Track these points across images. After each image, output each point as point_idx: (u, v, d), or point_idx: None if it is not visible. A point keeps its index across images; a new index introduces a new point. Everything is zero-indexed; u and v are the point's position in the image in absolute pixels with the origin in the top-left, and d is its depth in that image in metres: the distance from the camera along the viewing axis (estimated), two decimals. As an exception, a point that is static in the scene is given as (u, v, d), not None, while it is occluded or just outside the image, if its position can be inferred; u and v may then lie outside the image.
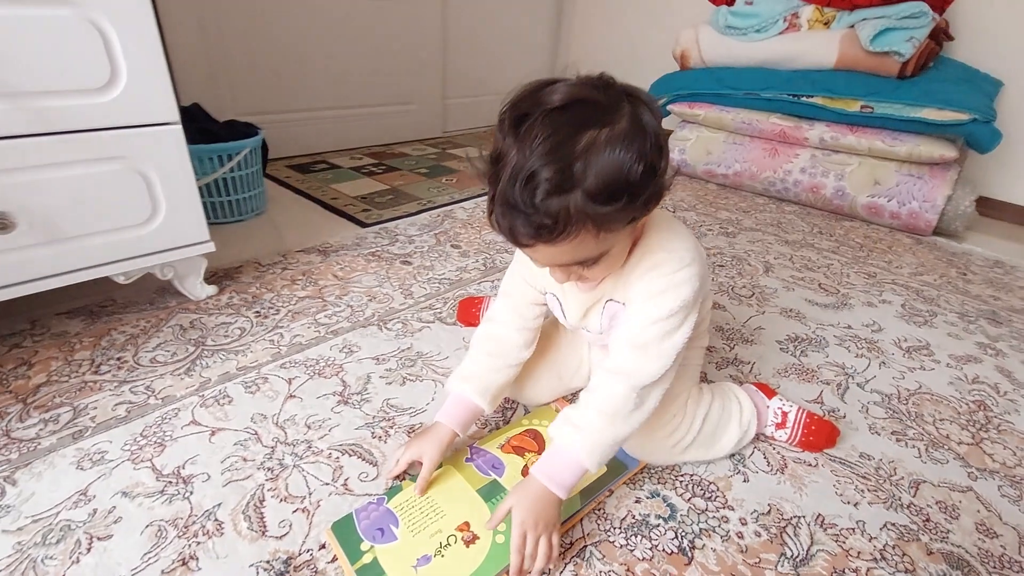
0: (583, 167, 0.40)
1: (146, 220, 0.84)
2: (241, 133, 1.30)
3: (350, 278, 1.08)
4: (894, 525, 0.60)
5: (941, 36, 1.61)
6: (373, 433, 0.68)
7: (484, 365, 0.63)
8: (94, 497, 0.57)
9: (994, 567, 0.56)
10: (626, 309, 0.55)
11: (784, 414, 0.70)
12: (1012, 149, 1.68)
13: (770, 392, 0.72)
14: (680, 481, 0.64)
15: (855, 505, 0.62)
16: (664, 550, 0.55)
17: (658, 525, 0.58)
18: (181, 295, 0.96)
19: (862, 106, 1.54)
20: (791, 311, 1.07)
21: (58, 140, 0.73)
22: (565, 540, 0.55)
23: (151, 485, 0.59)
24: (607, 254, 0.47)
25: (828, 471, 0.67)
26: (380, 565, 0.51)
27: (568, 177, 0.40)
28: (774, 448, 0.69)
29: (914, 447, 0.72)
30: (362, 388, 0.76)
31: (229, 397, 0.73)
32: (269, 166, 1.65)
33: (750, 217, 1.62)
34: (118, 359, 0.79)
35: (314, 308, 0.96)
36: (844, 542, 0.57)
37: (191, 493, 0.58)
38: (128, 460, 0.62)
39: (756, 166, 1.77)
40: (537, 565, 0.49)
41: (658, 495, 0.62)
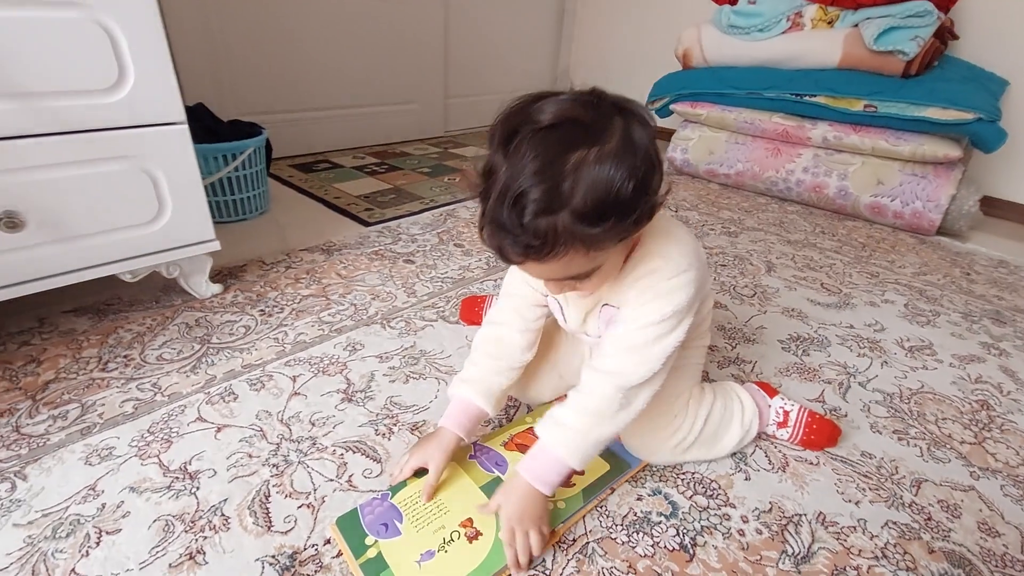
0: (571, 187, 0.40)
1: (152, 219, 0.85)
2: (245, 132, 1.31)
3: (353, 277, 1.09)
4: (895, 523, 0.60)
5: (946, 35, 1.60)
6: (377, 430, 0.69)
7: (487, 368, 0.63)
8: (103, 492, 0.58)
9: (996, 566, 0.56)
10: (620, 312, 0.55)
11: (786, 413, 0.70)
12: (1018, 148, 1.67)
13: (772, 391, 0.72)
14: (682, 479, 0.64)
15: (856, 503, 0.62)
16: (666, 547, 0.55)
17: (660, 522, 0.58)
18: (186, 293, 0.97)
19: (865, 105, 1.54)
20: (793, 311, 1.07)
21: (66, 140, 0.74)
22: (568, 537, 0.56)
23: (158, 480, 0.60)
24: (600, 268, 0.48)
25: (829, 470, 0.67)
26: (384, 560, 0.51)
27: (556, 197, 0.40)
28: (776, 447, 0.70)
29: (916, 446, 0.72)
30: (366, 386, 0.77)
31: (234, 394, 0.74)
32: (272, 165, 1.66)
33: (752, 217, 1.62)
34: (125, 356, 0.80)
35: (318, 306, 0.97)
36: (845, 540, 0.58)
37: (197, 489, 0.59)
38: (136, 456, 0.63)
39: (759, 166, 1.77)
40: (525, 556, 0.51)
41: (660, 493, 0.62)
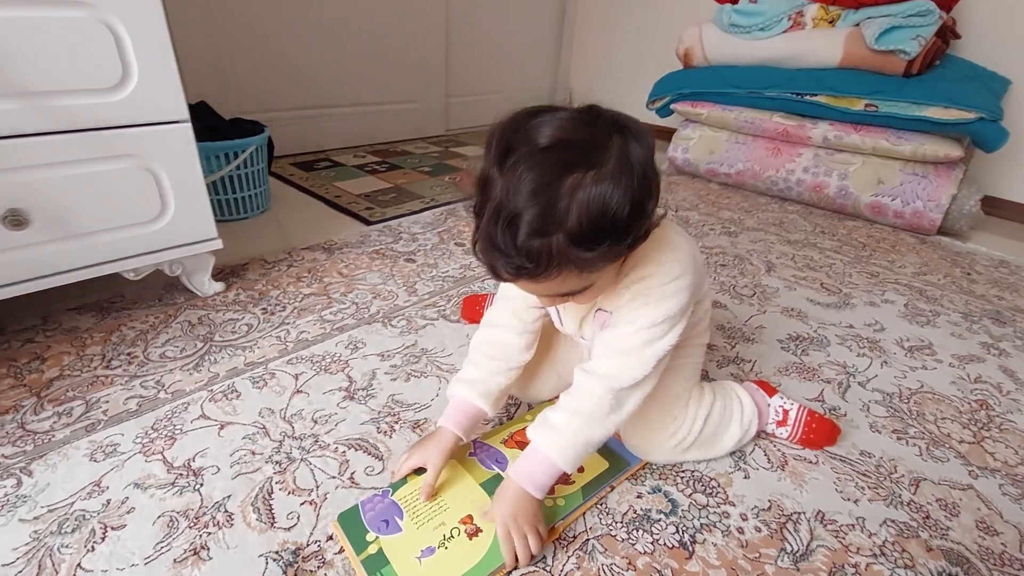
0: (566, 210, 0.39)
1: (156, 217, 0.85)
2: (247, 131, 1.31)
3: (355, 275, 1.09)
4: (894, 522, 0.60)
5: (948, 34, 1.60)
6: (379, 428, 0.70)
7: (485, 368, 0.63)
8: (107, 488, 0.58)
9: (994, 564, 0.56)
10: (613, 316, 0.55)
11: (785, 412, 0.70)
12: (1020, 148, 1.67)
13: (771, 390, 0.73)
14: (681, 477, 0.64)
15: (855, 502, 0.63)
16: (665, 544, 0.56)
17: (659, 520, 0.59)
18: (189, 291, 0.97)
19: (866, 105, 1.54)
20: (793, 310, 1.07)
21: (71, 138, 0.74)
22: (568, 533, 0.56)
23: (162, 477, 0.60)
24: (593, 285, 0.48)
25: (828, 468, 0.67)
26: (385, 556, 0.52)
27: (550, 220, 0.40)
28: (775, 445, 0.70)
29: (915, 445, 0.73)
30: (368, 384, 0.78)
31: (237, 392, 0.74)
32: (273, 164, 1.66)
33: (752, 216, 1.62)
34: (128, 354, 0.81)
35: (320, 305, 0.97)
36: (844, 538, 0.58)
37: (201, 485, 0.59)
38: (140, 453, 0.63)
39: (759, 165, 1.77)
40: (525, 554, 0.51)
41: (659, 491, 0.62)
